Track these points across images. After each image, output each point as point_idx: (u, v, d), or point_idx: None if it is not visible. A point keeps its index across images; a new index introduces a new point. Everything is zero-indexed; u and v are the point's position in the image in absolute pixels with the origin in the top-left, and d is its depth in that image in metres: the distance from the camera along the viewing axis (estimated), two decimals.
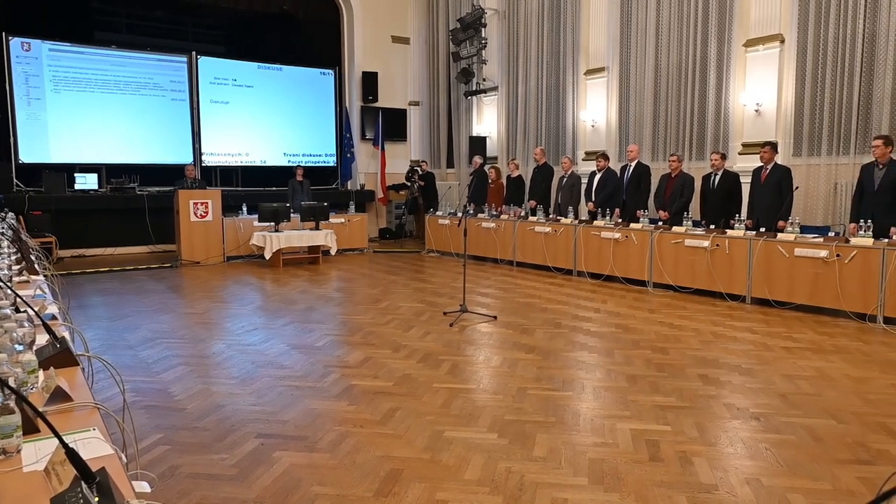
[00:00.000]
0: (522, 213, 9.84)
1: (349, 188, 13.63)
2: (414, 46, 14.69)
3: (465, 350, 5.22)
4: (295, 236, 9.98)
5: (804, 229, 6.88)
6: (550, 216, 9.45)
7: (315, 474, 3.01)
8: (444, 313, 6.46)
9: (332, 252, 10.39)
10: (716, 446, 3.33)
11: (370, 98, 13.99)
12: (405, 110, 14.73)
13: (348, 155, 13.61)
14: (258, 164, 13.09)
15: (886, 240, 6.03)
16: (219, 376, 4.52)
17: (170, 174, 11.28)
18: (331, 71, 13.91)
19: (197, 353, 5.12)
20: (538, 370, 4.63)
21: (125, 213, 11.07)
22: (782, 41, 8.24)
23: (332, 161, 14.05)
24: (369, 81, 13.96)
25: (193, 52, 12.32)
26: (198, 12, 13.17)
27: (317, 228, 10.25)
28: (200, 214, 9.94)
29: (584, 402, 3.99)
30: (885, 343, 5.33)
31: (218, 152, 12.62)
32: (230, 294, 7.77)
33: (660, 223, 7.95)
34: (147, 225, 11.12)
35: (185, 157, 12.12)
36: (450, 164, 14.25)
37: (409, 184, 13.50)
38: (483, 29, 12.65)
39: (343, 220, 11.31)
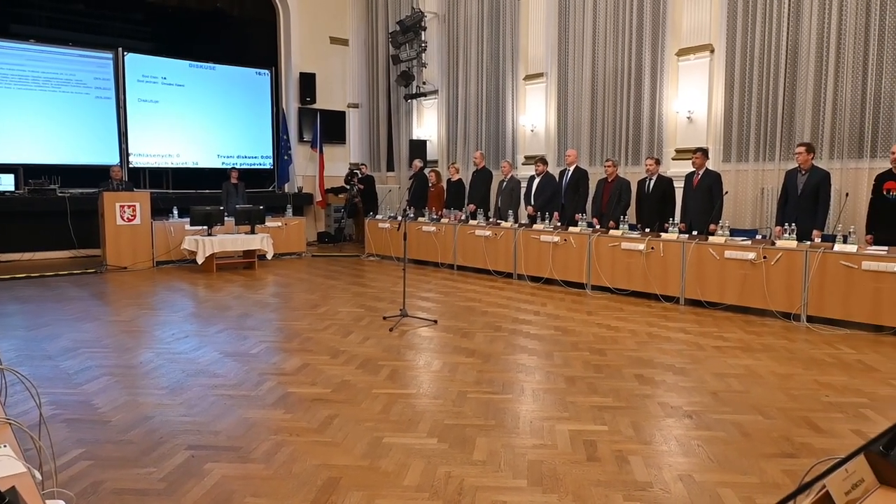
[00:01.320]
0: (463, 217, 9.90)
1: (286, 191, 13.40)
2: (353, 48, 14.59)
3: (405, 355, 5.20)
4: (229, 240, 9.72)
5: (733, 232, 7.18)
6: (490, 220, 9.55)
7: (248, 486, 2.93)
8: (384, 318, 6.42)
9: (269, 256, 10.17)
10: (651, 444, 3.42)
11: (308, 99, 13.80)
12: (344, 112, 14.60)
13: (285, 157, 13.38)
14: (190, 165, 12.71)
15: (809, 242, 6.37)
16: (146, 387, 4.35)
17: (94, 175, 10.81)
18: (267, 71, 13.65)
19: (123, 362, 4.91)
20: (478, 374, 4.66)
21: (45, 217, 10.54)
22: (712, 51, 8.60)
23: (268, 163, 13.78)
24: (307, 82, 13.77)
25: (120, 49, 11.85)
26: (124, 6, 12.69)
27: (252, 232, 10.02)
28: (128, 218, 9.56)
29: (523, 405, 4.03)
30: (807, 341, 5.62)
31: (147, 153, 12.18)
32: (160, 301, 7.49)
33: (598, 227, 8.14)
34: (69, 229, 10.61)
35: (110, 157, 11.64)
36: (390, 168, 14.20)
37: (348, 187, 13.38)
38: (423, 32, 12.70)
39: (280, 223, 11.11)
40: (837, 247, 6.04)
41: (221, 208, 10.08)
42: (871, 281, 5.74)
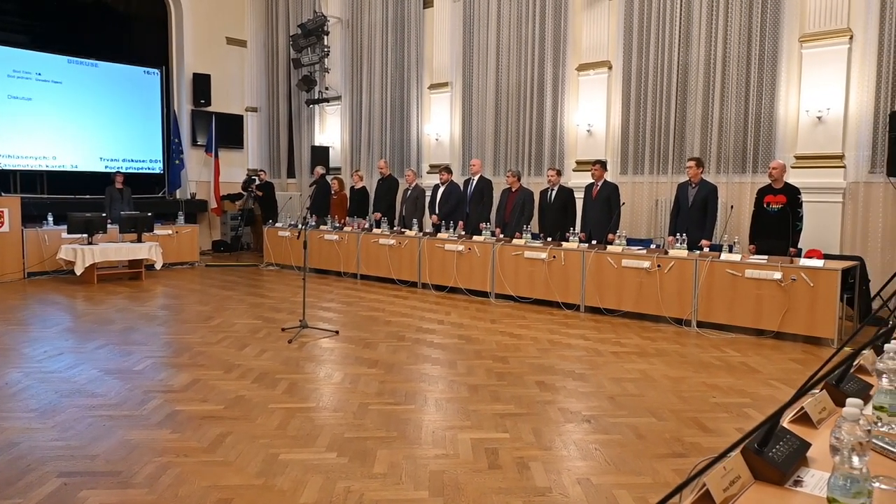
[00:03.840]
0: (366, 226, 9.83)
1: (178, 197, 12.79)
2: (251, 49, 14.21)
3: (305, 367, 5.07)
4: (112, 249, 9.15)
5: (630, 242, 7.54)
6: (395, 228, 9.54)
7: None
8: (283, 329, 6.24)
9: (158, 266, 9.66)
10: (551, 450, 3.51)
11: (202, 101, 13.28)
12: (242, 116, 14.18)
13: (177, 162, 12.78)
14: (68, 169, 11.86)
15: (698, 251, 6.79)
16: (12, 409, 3.99)
17: None
18: (156, 70, 13.01)
19: None
20: (380, 384, 4.62)
21: None
22: (610, 67, 9.04)
23: (157, 168, 13.11)
24: (201, 84, 13.26)
25: None
26: None
27: (139, 241, 9.49)
28: None
29: (426, 415, 4.03)
30: (697, 345, 5.97)
31: (18, 154, 11.25)
32: (31, 315, 6.93)
33: (501, 236, 8.32)
34: None
35: None
36: (290, 174, 13.91)
37: (245, 193, 12.97)
38: (326, 37, 12.57)
39: (170, 231, 10.59)
40: (724, 256, 6.48)
41: (104, 215, 9.48)
42: (754, 288, 6.19)
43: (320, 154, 12.67)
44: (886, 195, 6.91)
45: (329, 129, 13.14)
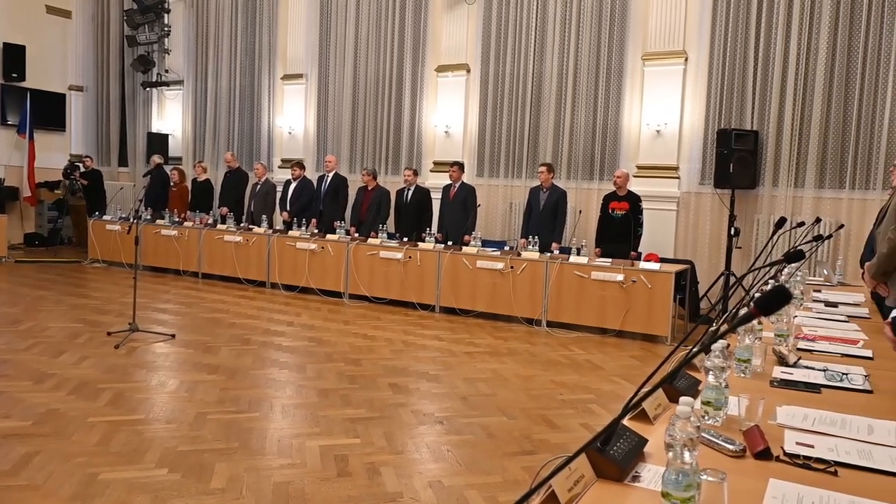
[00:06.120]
0: (210, 221, 9.32)
1: None
2: (77, 21, 12.94)
3: (134, 375, 4.68)
4: None
5: (485, 243, 7.76)
6: (242, 225, 9.12)
7: None
8: (109, 333, 5.71)
9: None
10: (403, 454, 3.50)
11: (14, 76, 11.89)
12: (65, 95, 12.87)
13: None
14: None
15: (549, 254, 7.14)
16: None
17: None
18: None
19: None
20: (221, 392, 4.36)
21: None
22: (468, 71, 9.25)
23: None
24: (13, 56, 11.86)
25: None
26: None
27: None
28: None
29: (271, 423, 3.86)
30: (547, 344, 6.26)
31: None
32: None
33: (356, 235, 8.23)
34: None
35: None
36: (123, 163, 12.87)
37: (67, 182, 11.77)
38: (166, 15, 11.78)
39: None
40: (572, 258, 6.85)
41: None
42: (599, 289, 6.61)
43: (158, 142, 11.84)
44: (713, 205, 7.67)
45: (169, 116, 12.30)
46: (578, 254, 6.91)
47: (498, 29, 8.98)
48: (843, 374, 2.26)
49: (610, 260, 6.75)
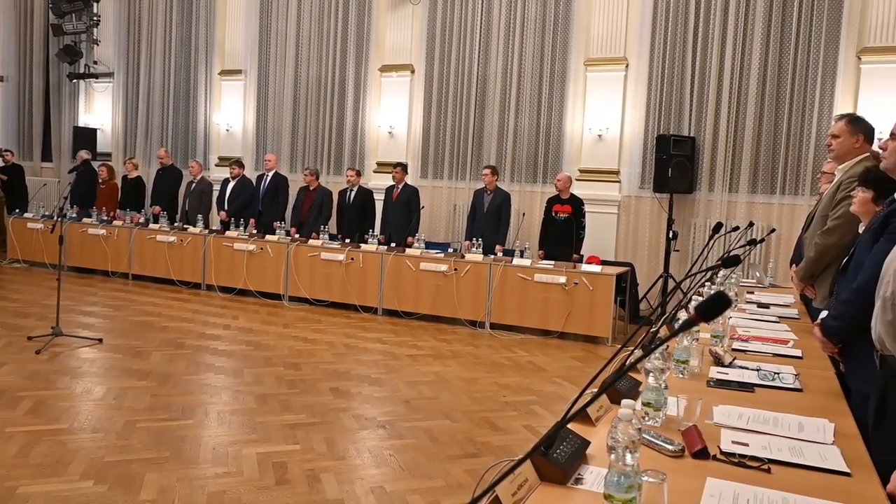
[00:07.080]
0: (142, 220, 9.00)
1: None
2: None
3: (57, 382, 4.47)
4: None
5: (429, 245, 7.76)
6: (176, 224, 8.85)
7: None
8: (30, 338, 5.44)
9: None
10: (344, 459, 3.45)
11: None
12: None
13: None
14: None
15: (493, 256, 7.19)
16: None
17: None
18: None
19: None
20: (152, 398, 4.22)
21: None
22: (413, 71, 9.24)
23: None
24: None
25: None
26: None
27: None
28: None
29: (206, 430, 3.75)
30: (490, 346, 6.30)
31: None
32: None
33: (297, 236, 8.10)
34: None
35: None
36: (46, 158, 12.31)
37: None
38: (95, 4, 11.33)
39: None
40: (516, 261, 6.92)
41: None
42: (541, 291, 6.69)
43: (85, 136, 11.35)
44: (653, 209, 7.89)
45: (98, 110, 11.82)
46: (522, 256, 6.98)
47: (443, 30, 9.00)
48: (776, 373, 2.35)
49: (553, 262, 6.85)
